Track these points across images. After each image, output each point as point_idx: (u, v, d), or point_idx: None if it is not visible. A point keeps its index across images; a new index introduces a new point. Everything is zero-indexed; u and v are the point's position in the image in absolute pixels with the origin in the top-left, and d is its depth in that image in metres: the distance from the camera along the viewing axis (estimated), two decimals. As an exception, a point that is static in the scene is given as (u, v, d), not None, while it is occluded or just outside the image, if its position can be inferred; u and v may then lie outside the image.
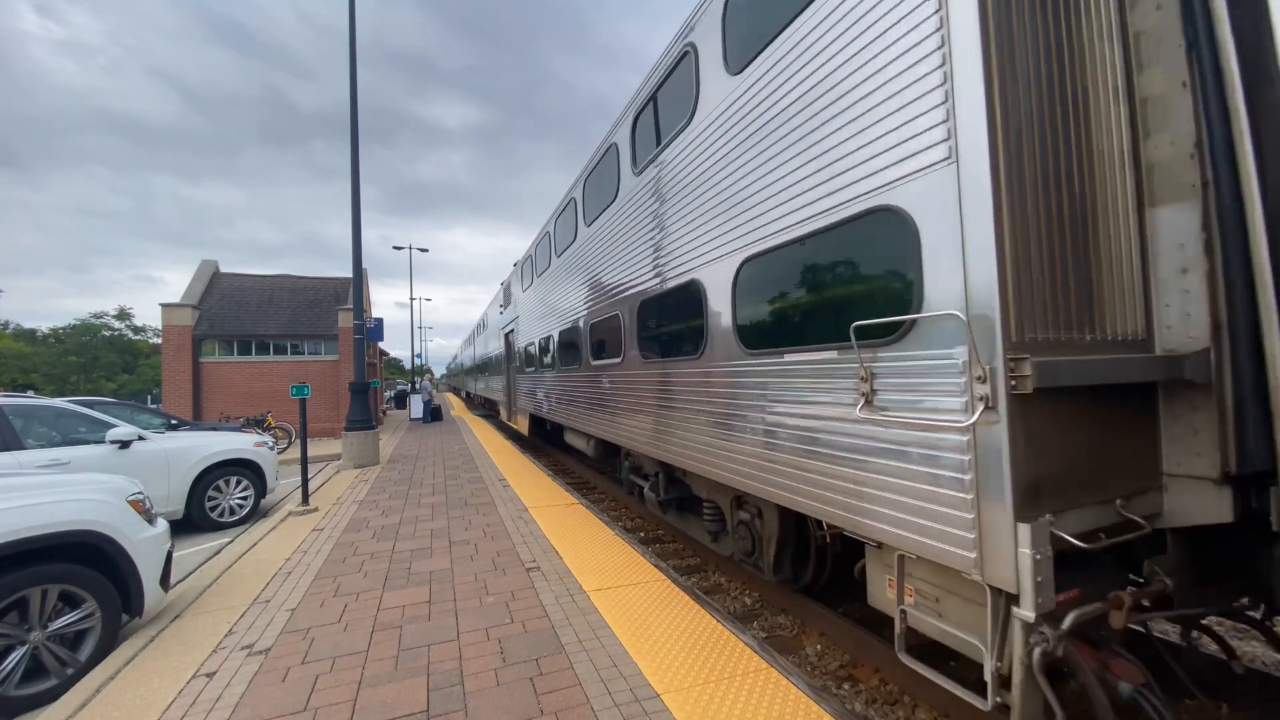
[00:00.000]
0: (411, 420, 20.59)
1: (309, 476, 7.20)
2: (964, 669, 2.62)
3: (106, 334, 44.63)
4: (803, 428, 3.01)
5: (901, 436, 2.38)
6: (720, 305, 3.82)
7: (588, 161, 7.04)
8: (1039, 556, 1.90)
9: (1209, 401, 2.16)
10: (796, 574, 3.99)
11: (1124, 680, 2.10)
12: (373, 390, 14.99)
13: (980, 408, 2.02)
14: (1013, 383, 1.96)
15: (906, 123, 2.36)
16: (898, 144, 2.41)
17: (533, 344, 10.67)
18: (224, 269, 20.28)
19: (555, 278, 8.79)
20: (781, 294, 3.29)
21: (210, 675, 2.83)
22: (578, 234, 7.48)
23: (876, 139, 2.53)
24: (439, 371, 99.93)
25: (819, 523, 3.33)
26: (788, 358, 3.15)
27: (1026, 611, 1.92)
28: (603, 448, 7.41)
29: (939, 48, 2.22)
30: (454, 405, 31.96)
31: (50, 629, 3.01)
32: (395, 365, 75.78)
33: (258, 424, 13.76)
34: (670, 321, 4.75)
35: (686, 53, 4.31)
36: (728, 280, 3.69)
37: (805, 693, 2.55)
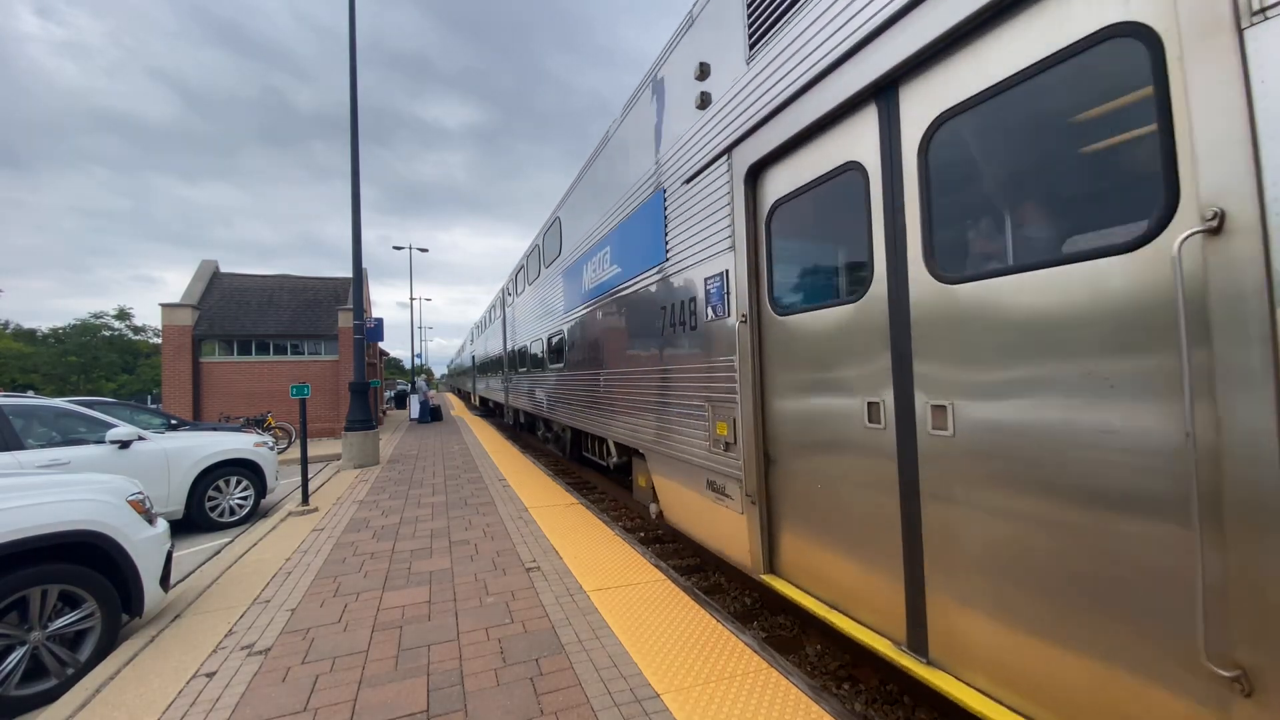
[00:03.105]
0: (411, 420, 20.60)
1: (309, 476, 7.20)
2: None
3: (106, 334, 44.64)
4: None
5: None
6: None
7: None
8: None
9: None
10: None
11: None
12: (373, 390, 14.96)
13: None
14: None
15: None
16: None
17: None
18: (223, 269, 20.30)
19: None
20: None
21: (210, 675, 2.83)
22: None
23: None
24: (440, 371, 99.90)
25: None
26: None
27: None
28: None
29: None
30: (454, 405, 31.96)
31: (50, 629, 3.01)
32: (395, 365, 75.77)
33: (258, 424, 13.76)
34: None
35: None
36: None
37: (805, 693, 2.55)
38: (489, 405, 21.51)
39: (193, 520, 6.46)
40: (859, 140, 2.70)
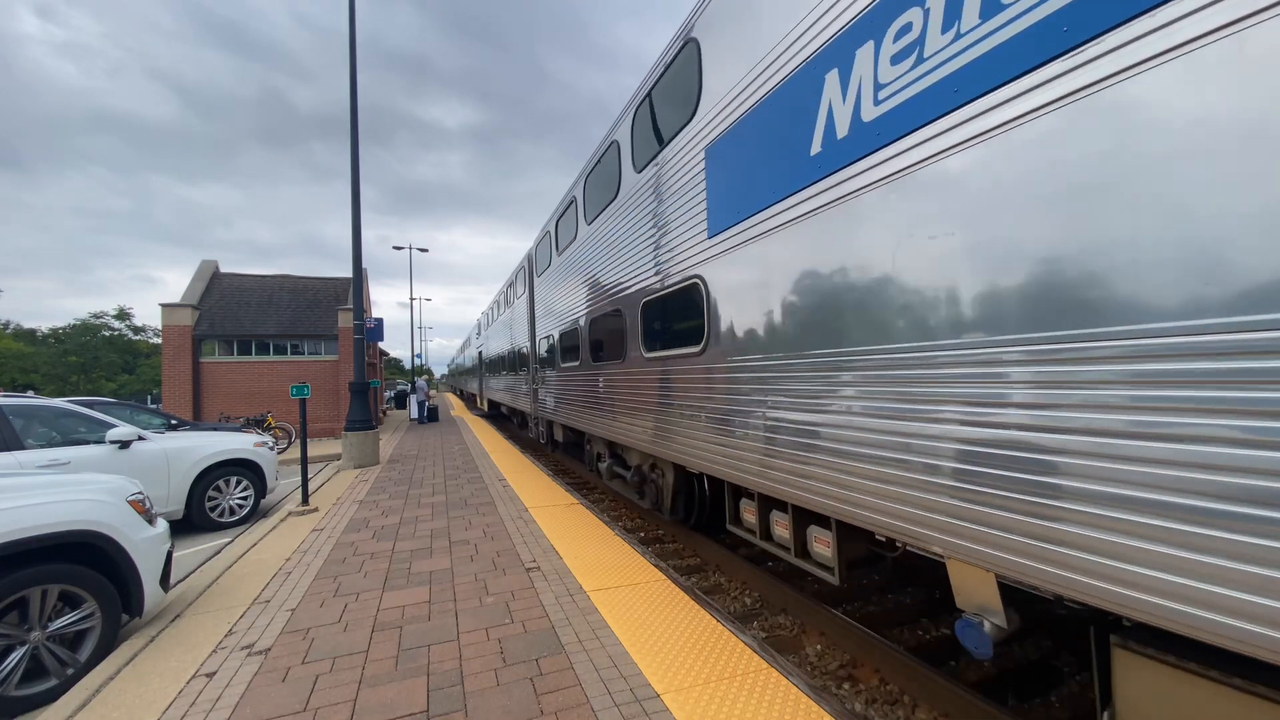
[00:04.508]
0: (412, 420, 20.63)
1: (309, 476, 7.20)
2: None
3: (106, 334, 44.59)
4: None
5: None
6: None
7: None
8: None
9: None
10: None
11: None
12: (373, 390, 14.94)
13: None
14: None
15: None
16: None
17: None
18: (223, 269, 20.30)
19: None
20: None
21: (210, 675, 2.82)
22: None
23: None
24: (440, 371, 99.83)
25: None
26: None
27: None
28: None
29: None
30: (454, 405, 31.96)
31: (50, 629, 3.01)
32: (395, 365, 75.74)
33: (258, 424, 13.76)
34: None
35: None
36: None
37: (805, 693, 2.55)
38: (502, 409, 18.47)
39: (193, 520, 6.46)
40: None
